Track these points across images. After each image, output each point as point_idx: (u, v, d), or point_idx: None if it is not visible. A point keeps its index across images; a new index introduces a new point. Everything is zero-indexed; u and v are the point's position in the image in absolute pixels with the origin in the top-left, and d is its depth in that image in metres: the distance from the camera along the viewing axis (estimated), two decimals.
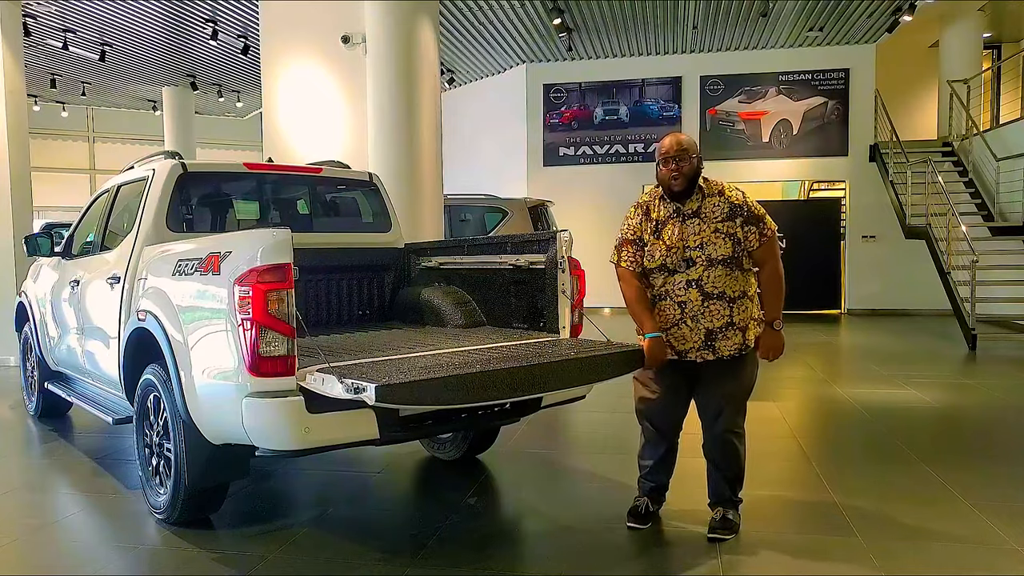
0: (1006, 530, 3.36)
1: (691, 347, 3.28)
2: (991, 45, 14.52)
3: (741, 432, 3.37)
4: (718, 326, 3.24)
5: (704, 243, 3.22)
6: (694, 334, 3.26)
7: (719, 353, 3.26)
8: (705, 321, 3.24)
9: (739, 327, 3.25)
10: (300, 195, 5.09)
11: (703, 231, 3.23)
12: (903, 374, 7.36)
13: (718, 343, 3.25)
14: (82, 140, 19.66)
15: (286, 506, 4.02)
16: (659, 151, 3.32)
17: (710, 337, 3.25)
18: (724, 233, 3.21)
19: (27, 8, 10.86)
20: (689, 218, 3.27)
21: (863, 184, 13.28)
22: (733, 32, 12.59)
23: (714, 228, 3.22)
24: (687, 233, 3.25)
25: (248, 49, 12.97)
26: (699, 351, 3.27)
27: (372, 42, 6.82)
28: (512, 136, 14.55)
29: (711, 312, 3.23)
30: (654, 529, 3.44)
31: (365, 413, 2.96)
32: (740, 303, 3.25)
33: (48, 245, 5.26)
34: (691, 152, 3.26)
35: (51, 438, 5.38)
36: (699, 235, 3.23)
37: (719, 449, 3.35)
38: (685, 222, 3.27)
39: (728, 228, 3.22)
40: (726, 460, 3.36)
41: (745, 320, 3.27)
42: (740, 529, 3.34)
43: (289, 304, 2.87)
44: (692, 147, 3.29)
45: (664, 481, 3.53)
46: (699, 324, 3.24)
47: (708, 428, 3.38)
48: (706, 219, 3.25)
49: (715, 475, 3.41)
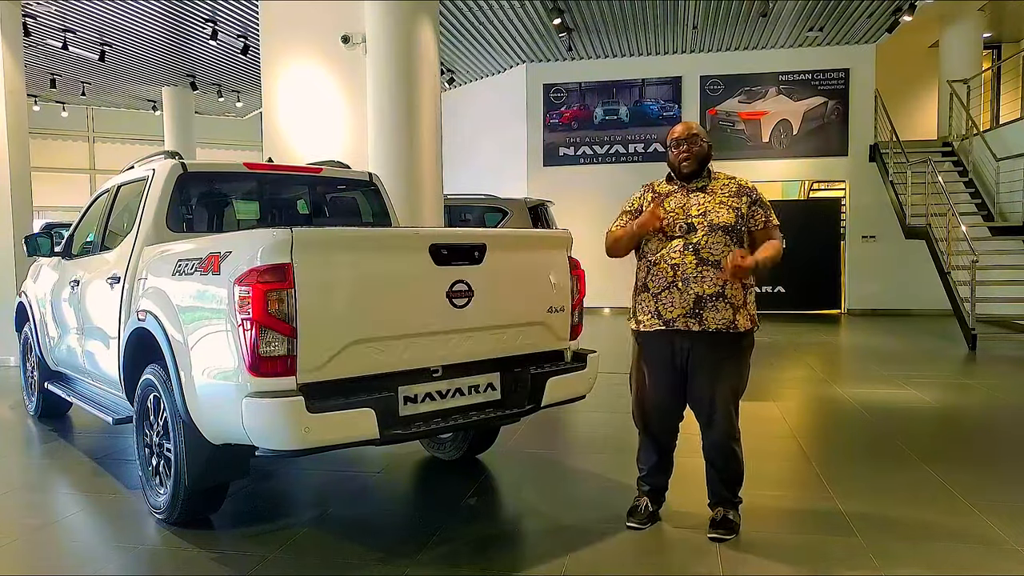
0: (1006, 530, 3.36)
1: (679, 314, 3.27)
2: (991, 45, 14.52)
3: (738, 436, 3.38)
4: (708, 293, 3.23)
5: (707, 211, 3.29)
6: (683, 298, 3.25)
7: (706, 324, 3.24)
8: (696, 286, 3.23)
9: (730, 302, 3.24)
10: (300, 195, 5.09)
11: (708, 202, 3.32)
12: (903, 374, 7.36)
13: (706, 312, 3.23)
14: (82, 140, 19.66)
15: (286, 506, 4.02)
16: (670, 136, 3.43)
17: (699, 304, 3.23)
18: (729, 206, 3.29)
19: (27, 8, 10.86)
20: (694, 192, 3.36)
21: (863, 184, 13.28)
22: (733, 32, 12.59)
23: (720, 200, 3.31)
24: (690, 204, 3.33)
25: (248, 49, 12.97)
26: (686, 318, 3.26)
27: (372, 42, 6.82)
28: (512, 136, 14.55)
29: (703, 277, 3.23)
30: (654, 529, 3.44)
31: (365, 413, 2.97)
32: (734, 281, 3.23)
33: (48, 245, 5.26)
34: (701, 137, 3.38)
35: (51, 438, 5.38)
36: (703, 205, 3.31)
37: (718, 453, 3.37)
38: (690, 195, 3.36)
39: (733, 203, 3.30)
40: (725, 463, 3.37)
41: (738, 299, 3.26)
42: (740, 529, 3.34)
43: (289, 304, 2.87)
44: (703, 133, 3.40)
45: (662, 483, 3.56)
46: (689, 288, 3.24)
47: (705, 433, 3.39)
48: (712, 193, 3.34)
49: (714, 477, 3.42)
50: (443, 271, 3.28)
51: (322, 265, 2.98)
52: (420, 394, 3.27)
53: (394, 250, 3.27)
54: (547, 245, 3.84)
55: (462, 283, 3.32)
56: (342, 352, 3.00)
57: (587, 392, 3.86)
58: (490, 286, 3.44)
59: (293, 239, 2.87)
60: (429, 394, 3.31)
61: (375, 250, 3.20)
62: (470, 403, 3.46)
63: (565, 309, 3.79)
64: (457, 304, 3.32)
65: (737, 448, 3.36)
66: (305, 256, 2.90)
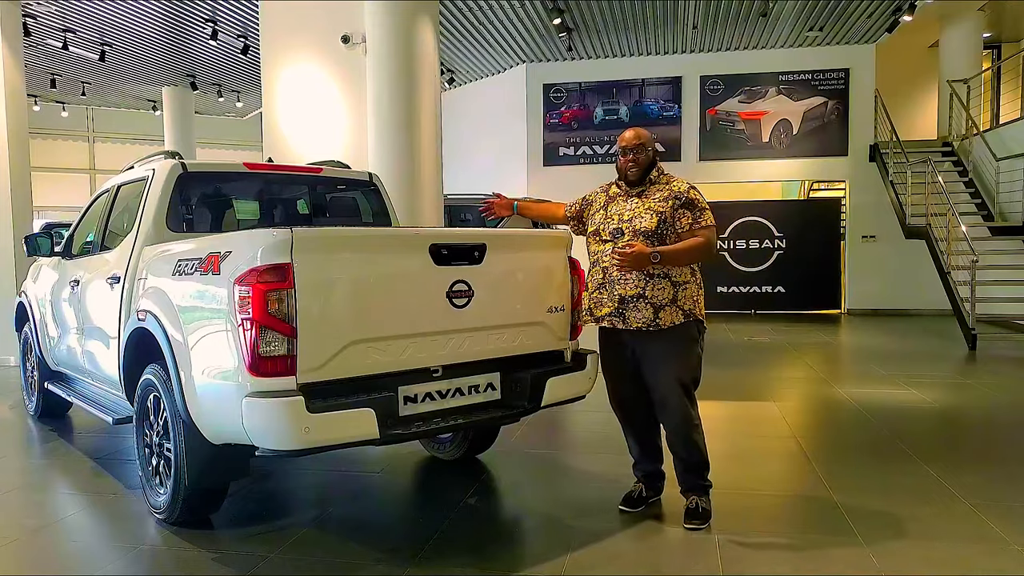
0: (1006, 530, 3.36)
1: (606, 312, 3.53)
2: (991, 45, 14.51)
3: (697, 423, 3.51)
4: (630, 295, 3.44)
5: (634, 217, 3.48)
6: (609, 299, 3.51)
7: (628, 323, 3.46)
8: (619, 287, 3.46)
9: (651, 302, 3.42)
10: (300, 195, 5.09)
11: (637, 208, 3.50)
12: (903, 374, 7.36)
13: (628, 312, 3.46)
14: (82, 140, 19.65)
15: (286, 506, 4.02)
16: (620, 142, 3.64)
17: (622, 304, 3.47)
18: (654, 210, 3.46)
19: (27, 8, 10.86)
20: (632, 197, 3.56)
21: (863, 184, 13.27)
22: (733, 32, 12.59)
23: (648, 206, 3.48)
24: (624, 209, 3.54)
25: (248, 49, 12.96)
26: (611, 317, 3.51)
27: (372, 42, 6.82)
28: (512, 136, 14.54)
29: (626, 280, 3.44)
30: (654, 529, 3.44)
31: (365, 413, 2.97)
32: (657, 282, 3.42)
33: (48, 245, 5.26)
34: (647, 145, 3.58)
35: (51, 438, 5.38)
36: (633, 210, 3.50)
37: (677, 440, 3.52)
38: (629, 200, 3.56)
39: (659, 207, 3.46)
40: (686, 450, 3.52)
41: (659, 299, 3.42)
42: (712, 516, 3.45)
43: (289, 304, 2.87)
44: (648, 141, 3.60)
45: (652, 468, 3.70)
46: (614, 289, 3.48)
47: (662, 422, 3.57)
48: (645, 199, 3.51)
49: (679, 465, 3.57)
50: (443, 271, 3.28)
51: (322, 265, 2.98)
52: (420, 394, 3.28)
53: (394, 250, 3.27)
54: (547, 245, 3.84)
55: (462, 283, 3.32)
56: (342, 352, 3.00)
57: (587, 392, 3.86)
58: (490, 286, 3.44)
59: (293, 239, 2.87)
60: (429, 394, 3.31)
61: (375, 250, 3.20)
62: (470, 403, 3.47)
63: (565, 309, 3.80)
64: (457, 304, 3.32)
65: (696, 435, 3.50)
66: (305, 256, 2.90)
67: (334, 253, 3.05)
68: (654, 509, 3.65)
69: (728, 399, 6.31)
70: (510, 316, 3.58)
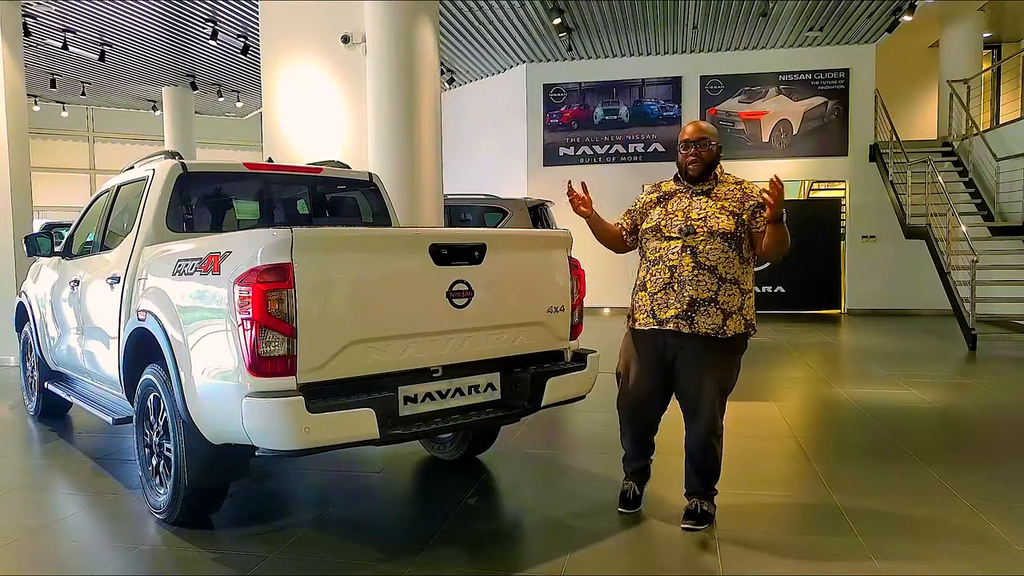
0: (1006, 530, 3.36)
1: (672, 315, 3.34)
2: (991, 45, 14.51)
3: (720, 432, 3.45)
4: (703, 297, 3.29)
5: (708, 216, 3.32)
6: (678, 300, 3.32)
7: (696, 327, 3.30)
8: (691, 289, 3.30)
9: (722, 308, 3.30)
10: (300, 195, 5.09)
11: (709, 207, 3.34)
12: (903, 374, 7.35)
13: (698, 316, 3.30)
14: (82, 140, 19.64)
15: (286, 506, 4.02)
16: (680, 136, 3.45)
17: (692, 307, 3.30)
18: (730, 211, 3.31)
19: (27, 8, 10.86)
20: (698, 195, 3.39)
21: (863, 184, 13.28)
22: (733, 32, 12.59)
23: (721, 206, 3.33)
24: (692, 207, 3.37)
25: (248, 49, 12.96)
26: (678, 319, 3.32)
27: (372, 42, 6.82)
28: (512, 136, 14.54)
29: (699, 281, 3.30)
30: (654, 529, 3.44)
31: (365, 413, 2.97)
32: (729, 287, 3.32)
33: (48, 245, 5.26)
34: (710, 139, 3.40)
35: (51, 438, 5.38)
36: (704, 209, 3.34)
37: (698, 446, 3.44)
38: (693, 198, 3.39)
39: (735, 208, 3.32)
40: (703, 457, 3.44)
41: (730, 305, 3.32)
42: (714, 520, 3.42)
43: (289, 304, 2.87)
44: (712, 135, 3.42)
45: (642, 465, 3.68)
46: (684, 291, 3.31)
47: (689, 426, 3.47)
48: (715, 198, 3.36)
49: (691, 469, 3.50)
50: (443, 271, 3.28)
51: (322, 265, 2.98)
52: (420, 394, 3.28)
53: (394, 250, 3.27)
54: (547, 245, 3.84)
55: (462, 283, 3.32)
56: (342, 352, 3.00)
57: (587, 392, 3.86)
58: (490, 286, 3.44)
59: (293, 239, 2.87)
60: (429, 394, 3.31)
61: (375, 250, 3.20)
62: (470, 403, 3.47)
63: (565, 309, 3.79)
64: (457, 304, 3.32)
65: (717, 444, 3.43)
66: (305, 256, 2.90)
67: (334, 253, 3.05)
68: (654, 509, 3.65)
69: (728, 399, 6.29)
70: (510, 316, 3.58)
